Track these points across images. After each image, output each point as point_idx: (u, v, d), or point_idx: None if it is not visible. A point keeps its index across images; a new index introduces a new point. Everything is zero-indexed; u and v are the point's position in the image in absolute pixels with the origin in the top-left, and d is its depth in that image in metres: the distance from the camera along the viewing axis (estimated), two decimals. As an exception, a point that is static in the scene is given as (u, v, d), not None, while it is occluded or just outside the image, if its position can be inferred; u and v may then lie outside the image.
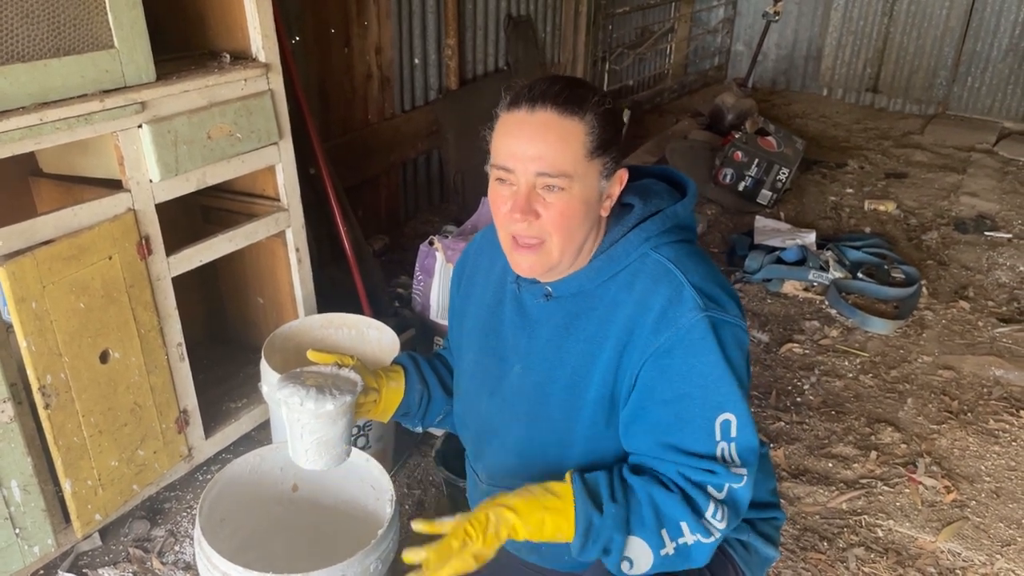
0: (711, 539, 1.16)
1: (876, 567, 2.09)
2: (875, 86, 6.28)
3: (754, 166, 4.28)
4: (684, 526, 1.15)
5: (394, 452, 2.35)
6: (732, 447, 1.17)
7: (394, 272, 3.29)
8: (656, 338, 1.18)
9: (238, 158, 2.08)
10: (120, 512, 2.04)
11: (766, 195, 4.30)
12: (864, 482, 2.38)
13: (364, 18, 3.31)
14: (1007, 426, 2.63)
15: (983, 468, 2.45)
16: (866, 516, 2.25)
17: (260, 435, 2.41)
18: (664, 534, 1.15)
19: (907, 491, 2.35)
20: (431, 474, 2.35)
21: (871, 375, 2.91)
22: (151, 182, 1.88)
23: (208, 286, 2.66)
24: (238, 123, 2.03)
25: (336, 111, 3.30)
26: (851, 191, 4.60)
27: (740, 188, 4.32)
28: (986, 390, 2.83)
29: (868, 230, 4.08)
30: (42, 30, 1.62)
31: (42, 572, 1.97)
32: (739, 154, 4.29)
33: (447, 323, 2.74)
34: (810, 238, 3.72)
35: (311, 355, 1.41)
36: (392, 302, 3.01)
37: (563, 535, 1.15)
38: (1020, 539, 2.18)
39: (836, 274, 3.46)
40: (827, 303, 3.37)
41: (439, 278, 2.78)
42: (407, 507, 2.25)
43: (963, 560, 2.12)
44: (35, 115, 1.61)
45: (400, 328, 2.46)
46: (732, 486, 1.17)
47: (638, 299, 1.21)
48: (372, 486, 1.71)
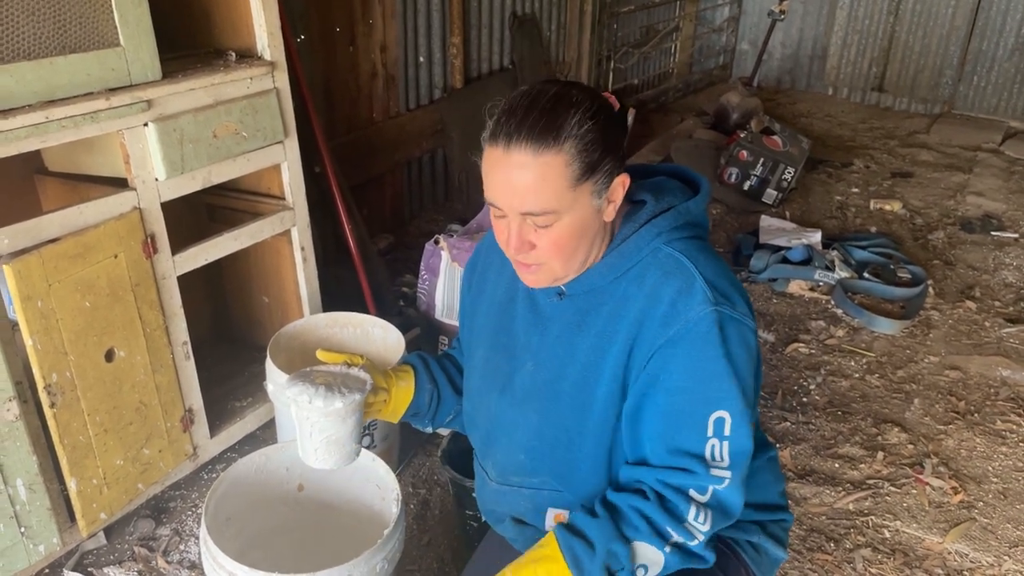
0: (695, 542, 1.16)
1: (883, 568, 2.08)
2: (880, 85, 6.26)
3: (759, 165, 4.27)
4: (669, 529, 1.15)
5: (399, 451, 2.35)
6: (724, 446, 1.16)
7: (399, 271, 3.29)
8: (665, 330, 1.17)
9: (243, 156, 2.08)
10: (125, 511, 2.04)
11: (771, 194, 4.29)
12: (871, 483, 2.37)
13: (369, 16, 3.31)
14: (1014, 427, 2.62)
15: (990, 469, 2.44)
16: (873, 517, 2.24)
17: (265, 434, 2.41)
18: (659, 535, 1.16)
19: (914, 492, 2.34)
20: (437, 473, 2.35)
21: (877, 375, 2.90)
22: (157, 180, 1.88)
23: (213, 285, 2.66)
24: (244, 121, 2.03)
25: (341, 110, 3.30)
26: (857, 190, 4.59)
27: (745, 187, 4.31)
28: (993, 390, 2.81)
29: (874, 230, 4.07)
30: (48, 28, 1.62)
31: (47, 571, 1.97)
32: (744, 153, 4.28)
33: (452, 322, 2.77)
34: (816, 237, 3.71)
35: (320, 355, 1.41)
36: (397, 301, 3.00)
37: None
38: (1028, 540, 2.18)
39: (842, 274, 3.45)
40: (833, 303, 3.36)
41: (444, 277, 2.77)
42: (413, 506, 2.24)
43: (970, 561, 2.11)
44: (41, 113, 1.61)
45: (405, 327, 2.46)
46: (716, 488, 1.16)
47: (649, 292, 1.20)
48: (378, 485, 1.71)
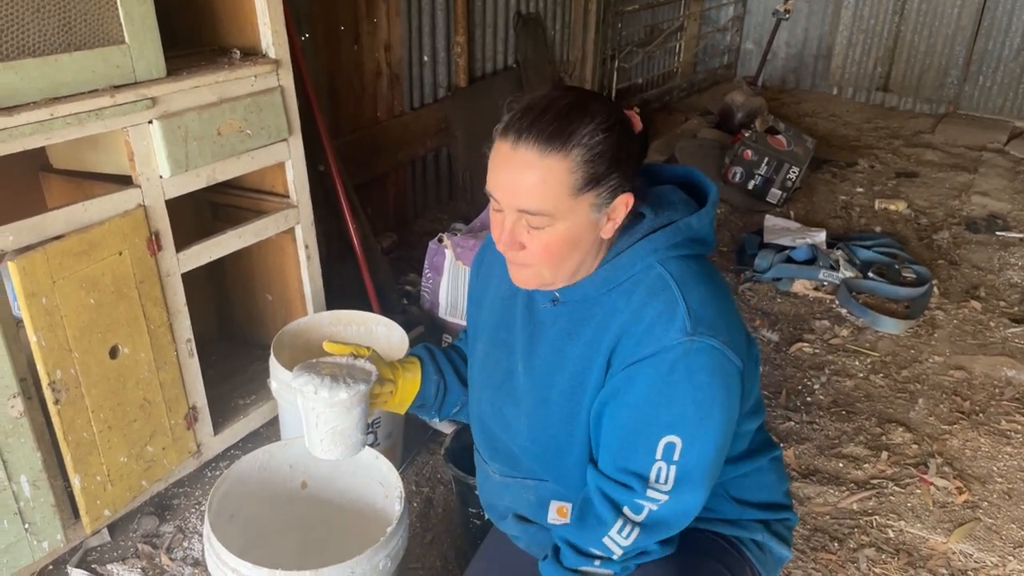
0: (614, 556, 1.20)
1: (887, 568, 2.08)
2: (886, 85, 6.25)
3: (764, 165, 4.26)
4: (591, 548, 1.21)
5: (403, 449, 2.35)
6: (671, 470, 1.16)
7: (403, 270, 3.29)
8: (638, 350, 1.17)
9: (248, 154, 2.08)
10: (129, 508, 2.04)
11: (776, 194, 4.28)
12: (875, 482, 2.36)
13: (374, 15, 3.31)
14: (1019, 427, 2.61)
15: (995, 469, 2.43)
16: (877, 516, 2.24)
17: (269, 432, 2.41)
18: (584, 556, 1.22)
19: (918, 492, 2.33)
20: (440, 471, 2.35)
21: (882, 375, 2.89)
22: (161, 178, 1.88)
23: (217, 283, 2.66)
24: (248, 119, 2.03)
25: (345, 108, 3.30)
26: (861, 190, 4.58)
27: (750, 187, 4.30)
28: (998, 391, 2.81)
29: (879, 229, 4.06)
30: (53, 25, 1.62)
31: (51, 567, 1.97)
32: (749, 153, 4.28)
33: (455, 320, 2.77)
34: (820, 237, 3.70)
35: (327, 346, 1.42)
36: (401, 299, 3.00)
37: None
38: (1033, 541, 2.17)
39: (846, 273, 3.44)
40: (837, 302, 3.35)
41: (448, 275, 2.77)
42: (416, 505, 2.24)
43: (975, 561, 2.10)
44: (46, 110, 1.61)
45: (408, 325, 2.46)
46: (651, 508, 1.18)
47: (634, 308, 1.19)
48: (381, 483, 1.71)
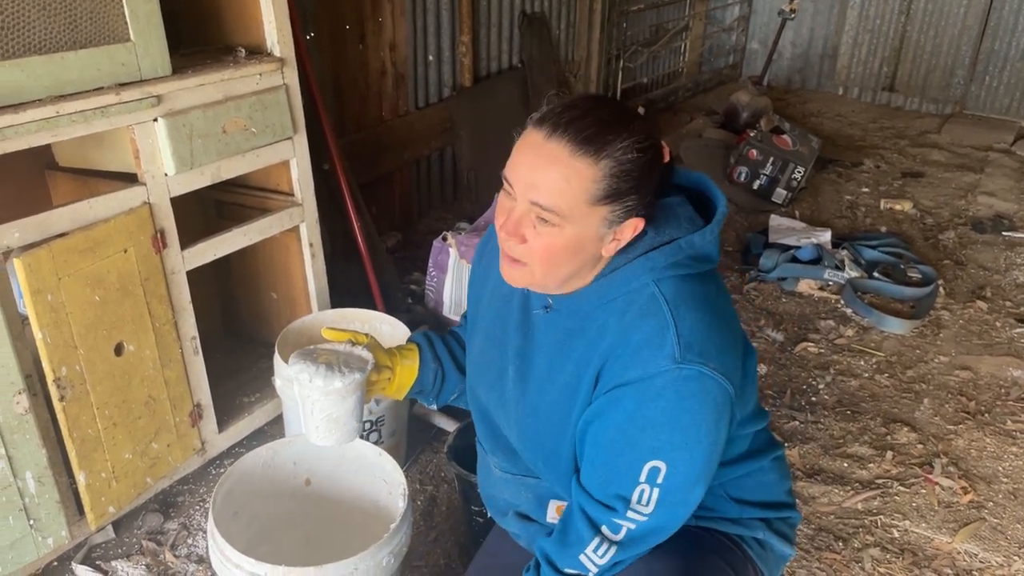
0: (589, 574, 1.20)
1: (892, 568, 2.07)
2: (891, 85, 6.23)
3: (769, 164, 4.25)
4: (564, 568, 1.22)
5: (407, 447, 2.35)
6: (654, 492, 1.16)
7: (407, 269, 3.30)
8: (624, 372, 1.15)
9: (253, 152, 2.08)
10: (133, 505, 2.05)
11: (781, 194, 4.27)
12: (880, 482, 2.36)
13: (379, 14, 3.31)
14: (1025, 427, 2.60)
15: (1000, 469, 2.42)
16: (882, 516, 2.23)
17: (273, 429, 2.42)
18: (556, 572, 1.22)
19: (923, 492, 2.32)
20: (443, 470, 2.35)
21: (887, 375, 2.88)
22: (166, 176, 1.89)
23: (222, 280, 2.67)
24: (253, 117, 2.03)
25: (350, 107, 3.30)
26: (867, 190, 4.57)
27: (755, 186, 4.29)
28: (1004, 391, 2.80)
29: (884, 229, 4.05)
30: (59, 23, 1.63)
31: (56, 564, 1.98)
32: (754, 152, 4.27)
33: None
34: (825, 237, 3.70)
35: (325, 332, 1.42)
36: (405, 298, 3.01)
37: None
38: (1038, 541, 2.16)
39: (852, 273, 3.43)
40: (842, 302, 3.34)
41: (452, 274, 2.77)
42: (419, 502, 2.24)
43: (980, 561, 2.10)
44: (51, 108, 1.62)
45: (413, 324, 2.46)
46: (630, 527, 1.17)
47: (624, 328, 1.17)
48: (385, 480, 1.71)
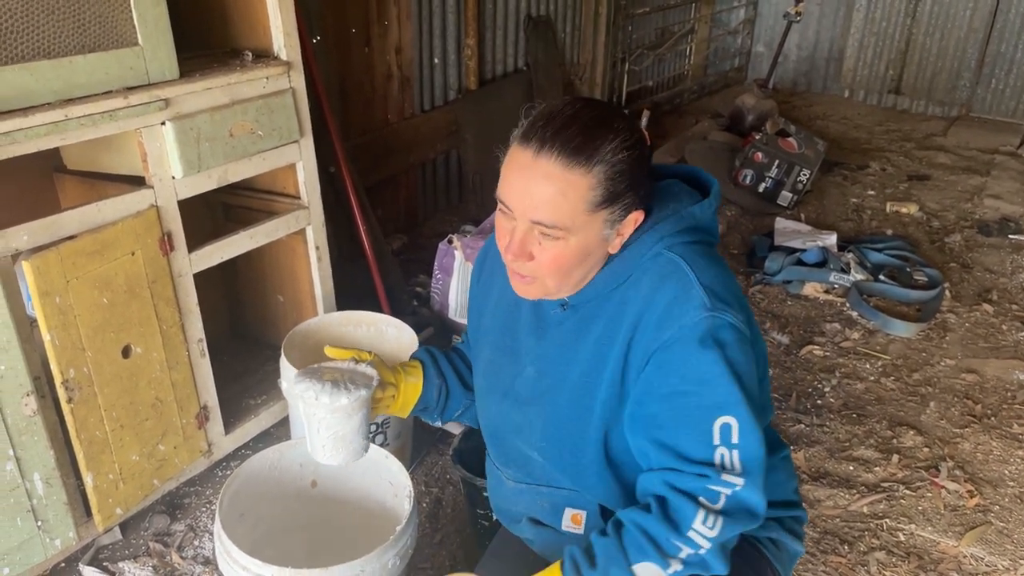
0: (702, 550, 1.10)
1: (897, 571, 2.07)
2: (897, 87, 6.22)
3: (774, 167, 4.25)
4: (675, 542, 1.11)
5: (412, 450, 2.35)
6: (734, 454, 1.11)
7: (413, 271, 3.30)
8: (660, 334, 1.14)
9: (259, 156, 2.09)
10: (140, 506, 2.06)
11: (786, 196, 4.27)
12: (886, 485, 2.35)
13: (385, 18, 3.32)
14: (1032, 430, 2.60)
15: (1007, 473, 2.42)
16: (888, 520, 2.23)
17: (279, 431, 2.42)
18: (662, 553, 1.11)
19: (929, 495, 2.32)
20: (448, 472, 2.35)
21: (893, 378, 2.88)
22: (174, 179, 1.90)
23: (229, 283, 2.68)
24: (260, 121, 2.04)
25: (356, 110, 3.31)
26: (873, 193, 4.56)
27: (760, 189, 4.29)
28: (1010, 394, 2.79)
29: (890, 232, 4.04)
30: (67, 27, 1.64)
31: (63, 565, 1.99)
32: (759, 155, 4.27)
33: (465, 321, 2.77)
34: (831, 240, 3.69)
35: (328, 351, 1.42)
36: (411, 300, 3.01)
37: None
38: (1045, 545, 2.16)
39: (857, 276, 3.43)
40: (848, 305, 3.34)
41: (458, 277, 2.78)
42: (425, 505, 2.25)
43: (986, 565, 2.09)
44: (60, 111, 1.63)
45: (419, 327, 2.47)
46: (727, 494, 1.10)
47: (645, 295, 1.18)
48: (390, 482, 1.71)
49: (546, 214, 1.12)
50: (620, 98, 5.35)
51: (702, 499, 1.11)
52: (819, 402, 2.74)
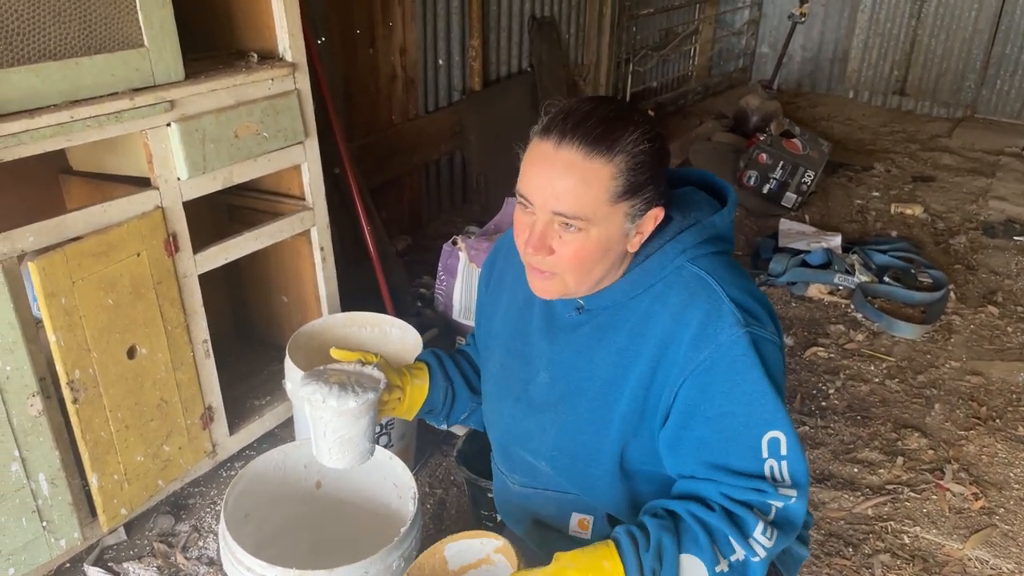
0: (757, 558, 1.12)
1: (902, 574, 2.06)
2: (902, 89, 6.21)
3: (779, 168, 4.25)
4: (733, 542, 1.12)
5: (416, 451, 2.36)
6: (783, 466, 1.14)
7: (417, 272, 3.30)
8: (696, 355, 1.15)
9: (264, 157, 2.09)
10: (145, 507, 2.06)
11: (791, 198, 4.27)
12: (890, 488, 2.35)
13: (389, 19, 3.33)
14: (1037, 433, 2.59)
15: (1012, 475, 2.41)
16: (892, 522, 2.22)
17: (284, 432, 2.43)
18: (716, 551, 1.12)
19: (934, 498, 2.32)
20: (453, 473, 2.36)
21: (897, 380, 2.87)
22: (179, 180, 1.90)
23: (233, 284, 2.68)
24: (265, 122, 2.05)
25: (361, 111, 3.32)
26: (877, 194, 4.56)
27: (765, 190, 4.29)
28: (1015, 396, 2.78)
29: (894, 234, 4.04)
30: (73, 29, 1.65)
31: (68, 565, 1.99)
32: (764, 156, 4.27)
33: (469, 323, 2.78)
34: (835, 241, 3.69)
35: (334, 353, 1.41)
36: (415, 302, 3.02)
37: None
38: (1050, 548, 2.15)
39: (862, 278, 3.42)
40: (853, 307, 3.33)
41: (462, 278, 2.78)
42: (429, 506, 2.25)
43: (991, 568, 2.09)
44: (66, 112, 1.63)
45: (423, 327, 2.47)
46: (780, 506, 1.13)
47: (674, 313, 1.18)
48: (395, 484, 1.72)
49: (568, 204, 1.12)
50: (624, 99, 5.34)
51: (757, 510, 1.14)
52: (823, 404, 2.74)
